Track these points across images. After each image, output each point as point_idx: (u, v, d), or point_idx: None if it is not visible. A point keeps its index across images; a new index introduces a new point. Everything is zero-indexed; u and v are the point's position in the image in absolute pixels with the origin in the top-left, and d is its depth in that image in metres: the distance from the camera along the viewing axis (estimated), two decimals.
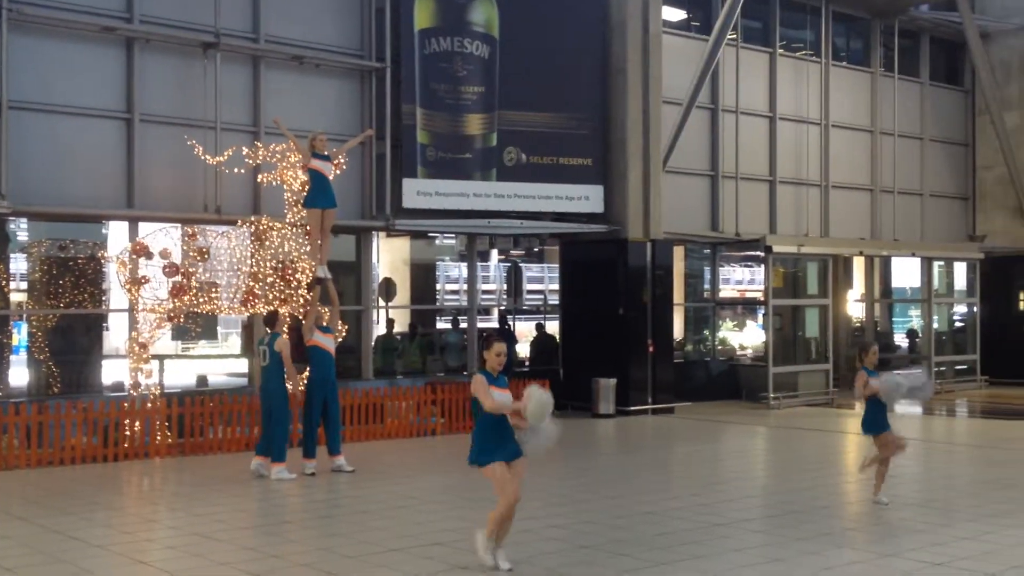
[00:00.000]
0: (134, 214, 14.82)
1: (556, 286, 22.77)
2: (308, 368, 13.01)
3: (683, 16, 21.46)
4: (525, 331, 24.62)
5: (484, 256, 27.49)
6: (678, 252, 20.99)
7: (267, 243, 14.10)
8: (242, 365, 17.81)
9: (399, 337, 20.40)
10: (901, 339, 26.07)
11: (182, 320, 14.11)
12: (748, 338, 27.03)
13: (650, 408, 18.53)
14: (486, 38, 17.54)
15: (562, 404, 17.45)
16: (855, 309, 25.15)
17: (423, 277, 23.91)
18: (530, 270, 30.65)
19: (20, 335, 16.57)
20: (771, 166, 22.14)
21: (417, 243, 22.49)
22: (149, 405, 13.62)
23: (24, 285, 16.71)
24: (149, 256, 13.62)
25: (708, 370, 21.63)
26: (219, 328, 22.25)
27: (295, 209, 14.12)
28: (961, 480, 12.56)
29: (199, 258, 13.80)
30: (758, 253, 22.28)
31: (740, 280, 35.30)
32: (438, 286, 27.18)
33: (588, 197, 18.60)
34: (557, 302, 21.16)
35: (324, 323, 13.18)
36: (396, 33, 16.87)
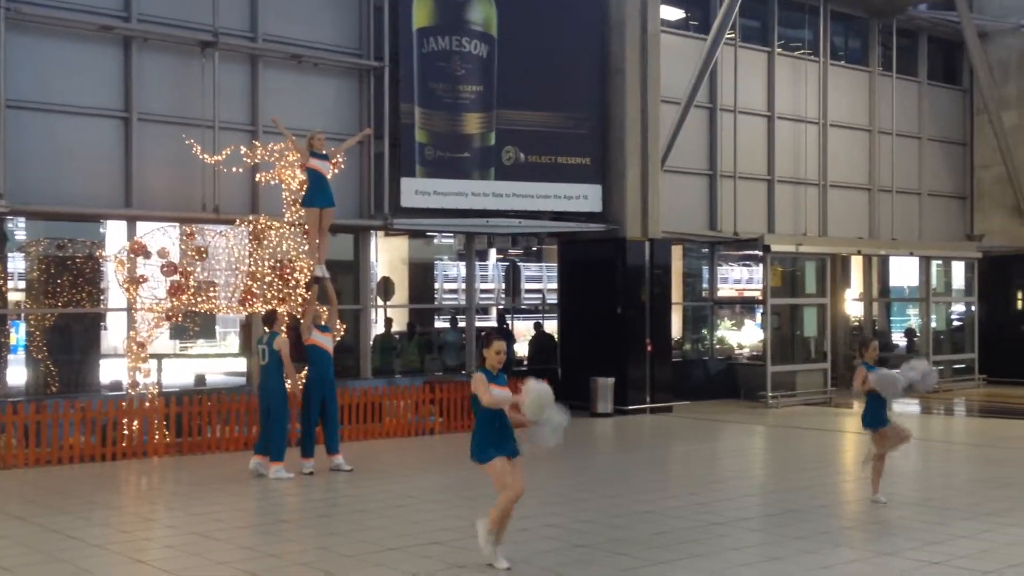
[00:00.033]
0: (132, 213, 14.82)
1: (554, 285, 22.78)
2: (306, 367, 13.02)
3: (681, 15, 21.46)
4: (523, 330, 24.62)
5: (482, 255, 27.50)
6: (676, 251, 20.99)
7: (265, 242, 14.09)
8: (240, 364, 17.80)
9: (397, 336, 20.39)
10: (899, 338, 26.08)
11: (180, 319, 14.11)
12: (745, 337, 27.04)
13: (648, 407, 18.54)
14: (484, 37, 17.54)
15: (560, 403, 17.49)
16: (853, 308, 25.15)
17: (421, 276, 23.90)
18: (528, 269, 30.66)
19: (18, 334, 16.56)
20: (769, 165, 22.14)
21: (415, 242, 22.48)
22: (147, 404, 13.62)
23: (22, 284, 16.70)
24: (147, 255, 13.62)
25: (706, 369, 21.63)
26: (217, 327, 22.24)
27: (293, 208, 14.11)
28: (959, 479, 12.57)
29: (197, 257, 13.80)
30: (756, 252, 22.28)
31: (738, 279, 35.31)
32: (436, 285, 27.18)
33: (586, 196, 18.60)
34: (555, 301, 21.17)
35: (322, 322, 13.18)
36: (394, 32, 16.87)
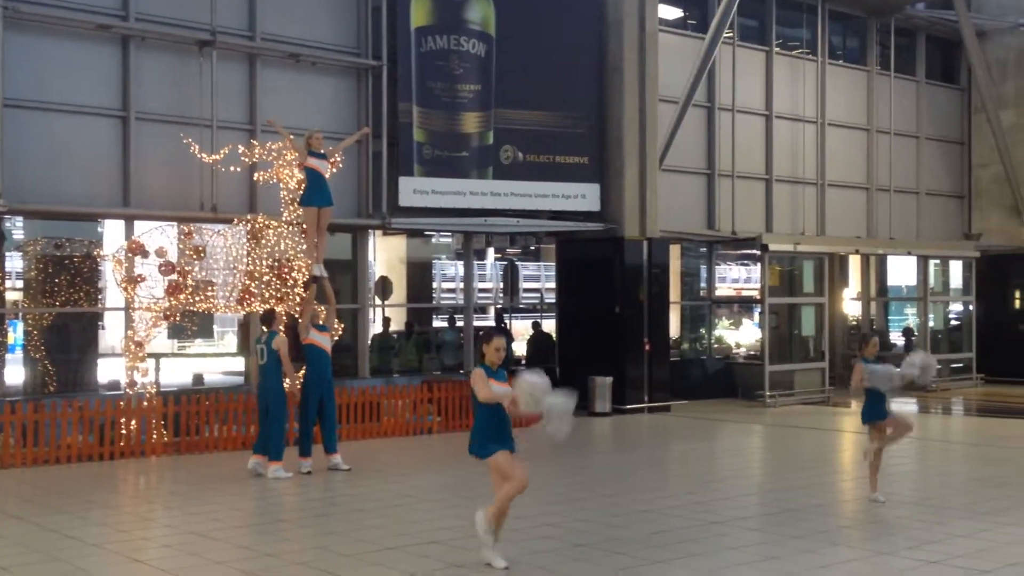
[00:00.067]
0: (130, 212, 14.82)
1: (552, 284, 22.78)
2: (304, 366, 13.01)
3: (679, 14, 21.47)
4: (521, 329, 24.64)
5: (480, 254, 27.53)
6: (674, 250, 21.00)
7: (263, 241, 14.08)
8: (238, 363, 17.79)
9: (395, 336, 20.38)
10: (897, 337, 26.11)
11: (178, 318, 14.10)
12: (743, 336, 27.07)
13: (646, 406, 18.55)
14: (482, 36, 17.53)
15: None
16: (851, 307, 25.17)
17: (419, 275, 23.89)
18: (526, 268, 30.67)
19: (16, 333, 16.55)
20: (767, 164, 22.15)
21: (413, 241, 22.47)
22: (145, 404, 13.61)
23: (20, 283, 16.69)
24: (145, 254, 13.61)
25: (704, 368, 21.65)
26: (215, 327, 22.25)
27: (291, 207, 14.10)
28: (957, 478, 12.58)
29: (195, 256, 13.79)
30: (754, 251, 22.29)
31: (736, 278, 35.36)
32: (434, 284, 27.19)
33: (584, 195, 18.60)
34: (553, 300, 21.16)
35: (320, 321, 13.18)
36: (392, 31, 16.86)
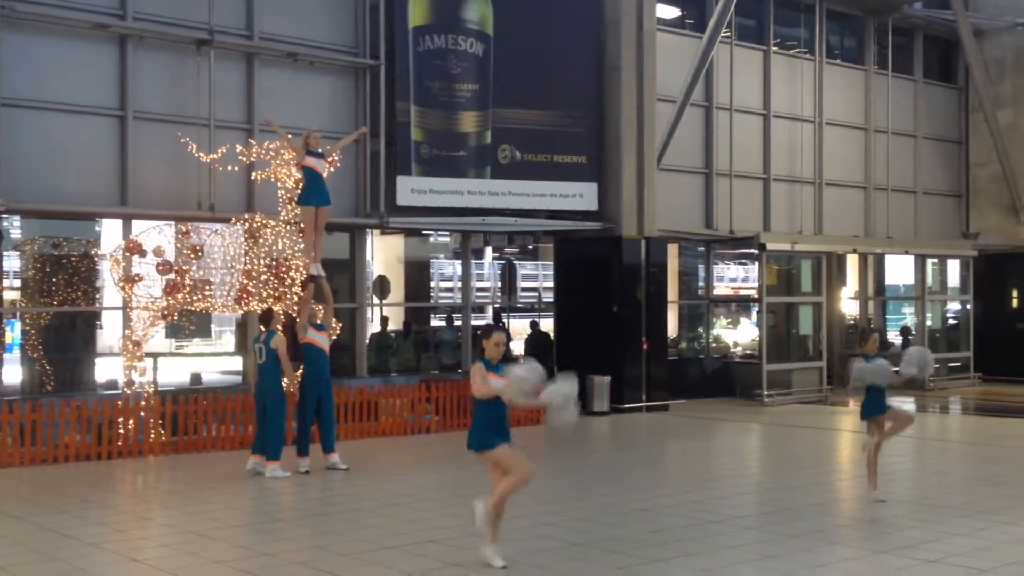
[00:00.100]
0: (127, 212, 14.81)
1: (550, 283, 22.79)
2: (302, 366, 13.00)
3: (677, 14, 21.46)
4: (519, 328, 24.65)
5: (478, 254, 27.57)
6: (672, 249, 21.00)
7: (261, 241, 14.07)
8: (236, 363, 17.79)
9: (393, 335, 20.39)
10: (895, 336, 26.13)
11: (176, 318, 14.09)
12: (740, 335, 27.09)
13: (644, 405, 18.54)
14: (480, 35, 17.52)
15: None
16: (849, 306, 25.19)
17: (417, 275, 23.92)
18: (524, 268, 30.69)
19: (13, 333, 16.54)
20: (765, 164, 22.15)
21: (411, 241, 22.50)
22: (143, 403, 13.59)
23: (17, 283, 16.68)
24: (143, 254, 13.59)
25: (702, 367, 21.65)
26: (213, 326, 22.28)
27: (289, 207, 14.09)
28: (955, 477, 12.59)
29: (193, 256, 13.78)
30: (752, 250, 22.31)
31: (734, 278, 35.42)
32: (432, 284, 27.23)
33: (582, 195, 18.60)
34: (551, 299, 21.16)
35: (318, 321, 13.17)
36: (390, 30, 16.85)
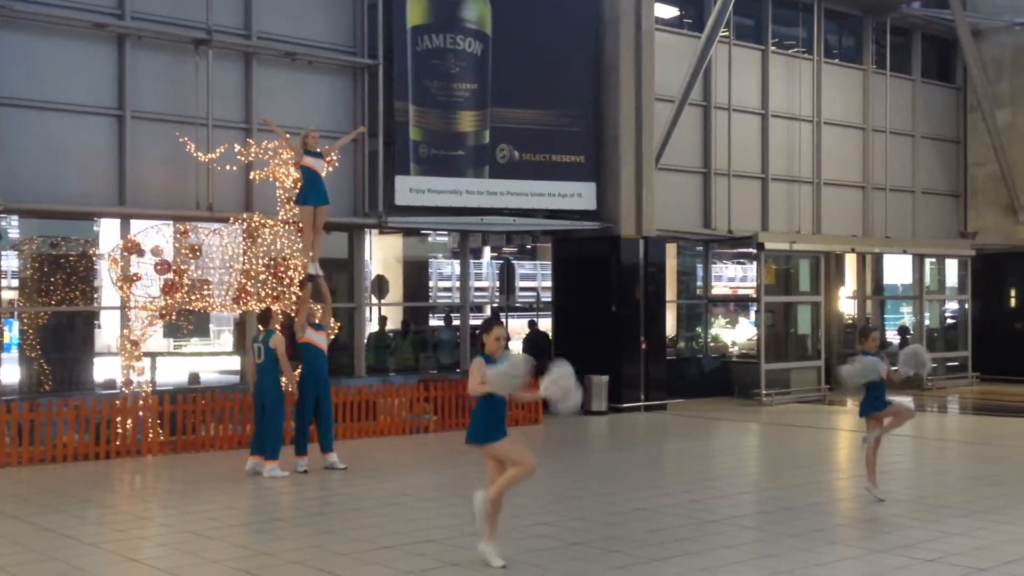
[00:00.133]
0: (126, 211, 14.80)
1: (549, 283, 22.77)
2: (300, 365, 12.99)
3: (675, 13, 21.46)
4: (518, 328, 24.64)
5: (477, 253, 27.54)
6: (671, 249, 21.00)
7: (259, 240, 14.07)
8: (234, 362, 17.78)
9: (392, 334, 20.38)
10: (892, 335, 26.13)
11: (174, 317, 14.09)
12: (738, 335, 27.09)
13: (643, 405, 18.55)
14: (479, 35, 17.52)
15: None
16: (847, 306, 25.19)
17: (416, 274, 23.90)
18: (523, 267, 30.66)
19: (11, 332, 16.53)
20: (763, 163, 22.16)
21: (410, 240, 22.48)
22: (141, 403, 13.59)
23: (15, 282, 16.67)
24: (141, 253, 13.59)
25: (700, 367, 21.66)
26: (211, 325, 22.26)
27: (287, 206, 14.09)
28: (952, 476, 12.60)
29: (191, 255, 13.78)
30: (750, 250, 22.31)
31: (732, 277, 35.39)
32: (431, 283, 27.19)
33: (581, 194, 18.60)
34: (550, 299, 21.16)
35: (316, 320, 13.17)
36: (388, 30, 16.84)
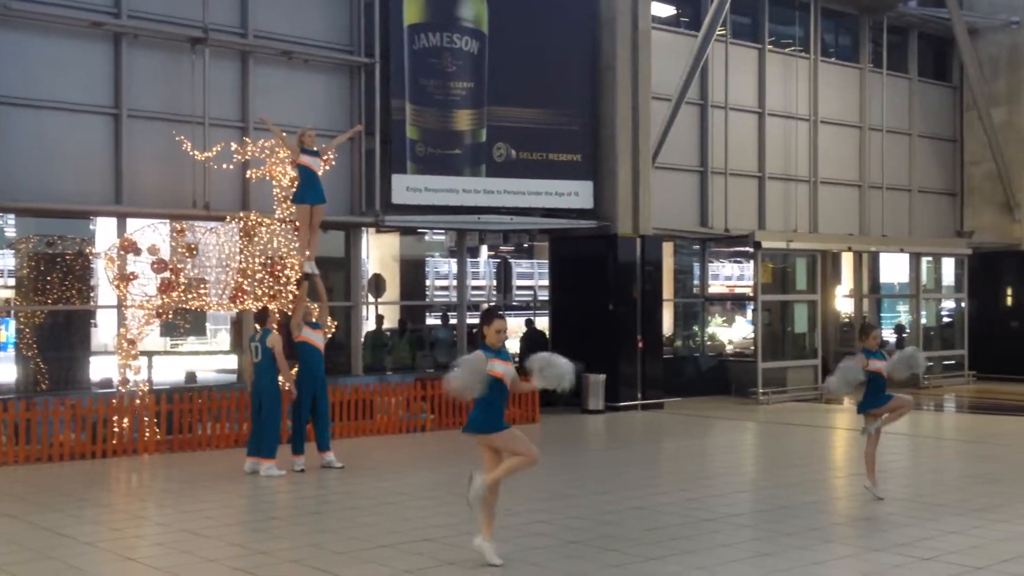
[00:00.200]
0: (122, 210, 14.78)
1: (546, 282, 22.77)
2: (297, 364, 12.99)
3: (672, 12, 21.46)
4: (515, 327, 24.65)
5: (474, 252, 27.50)
6: (667, 248, 21.02)
7: (256, 239, 14.06)
8: (231, 361, 17.78)
9: (389, 333, 20.38)
10: (889, 334, 26.16)
11: (171, 316, 14.08)
12: (734, 333, 27.12)
13: (639, 404, 18.55)
14: (475, 34, 17.51)
15: (551, 400, 17.50)
16: (844, 305, 25.22)
17: (413, 273, 23.89)
18: (520, 266, 30.68)
19: (8, 331, 16.53)
20: (760, 162, 22.16)
21: (407, 239, 22.47)
22: (138, 401, 13.58)
23: (12, 281, 16.66)
24: (137, 252, 13.58)
25: (697, 366, 21.66)
26: (208, 324, 22.25)
27: (284, 205, 14.08)
28: (949, 475, 12.61)
29: (188, 254, 13.77)
30: (747, 249, 22.32)
31: (729, 276, 35.42)
32: (428, 282, 27.18)
33: (578, 193, 18.59)
34: (547, 298, 21.16)
35: (313, 319, 13.17)
36: (385, 28, 16.83)
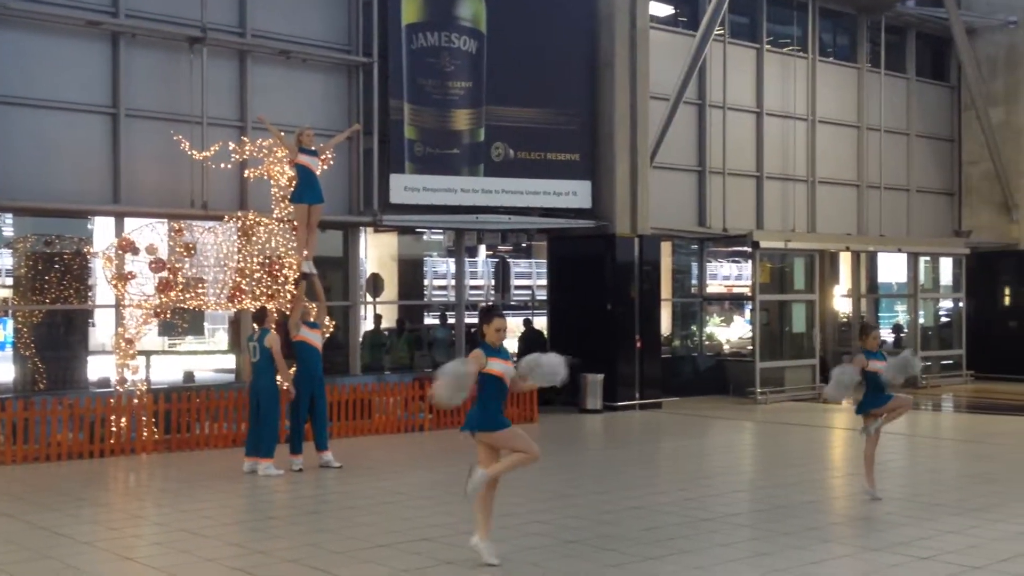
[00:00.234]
0: (120, 209, 14.77)
1: (544, 281, 22.78)
2: (295, 364, 12.99)
3: (670, 11, 21.46)
4: (513, 326, 24.62)
5: (472, 251, 27.47)
6: (665, 247, 21.02)
7: (254, 238, 14.07)
8: (229, 361, 17.77)
9: (387, 333, 20.37)
10: (887, 334, 26.17)
11: (168, 316, 14.07)
12: (732, 333, 27.13)
13: (637, 403, 18.55)
14: (473, 33, 17.51)
15: (549, 399, 17.52)
16: (841, 304, 25.23)
17: (411, 273, 23.88)
18: (518, 265, 30.66)
19: (5, 331, 16.52)
20: (758, 162, 22.16)
21: (405, 238, 22.46)
22: (135, 401, 13.58)
23: (9, 281, 16.65)
24: (135, 252, 13.58)
25: (695, 365, 21.67)
26: (206, 324, 22.22)
27: (282, 204, 14.09)
28: (947, 474, 12.62)
29: (185, 253, 13.77)
30: (745, 248, 22.33)
31: (727, 275, 35.40)
32: (426, 282, 27.16)
33: (576, 192, 18.59)
34: (545, 297, 21.16)
35: (311, 319, 13.16)
36: (383, 28, 16.82)
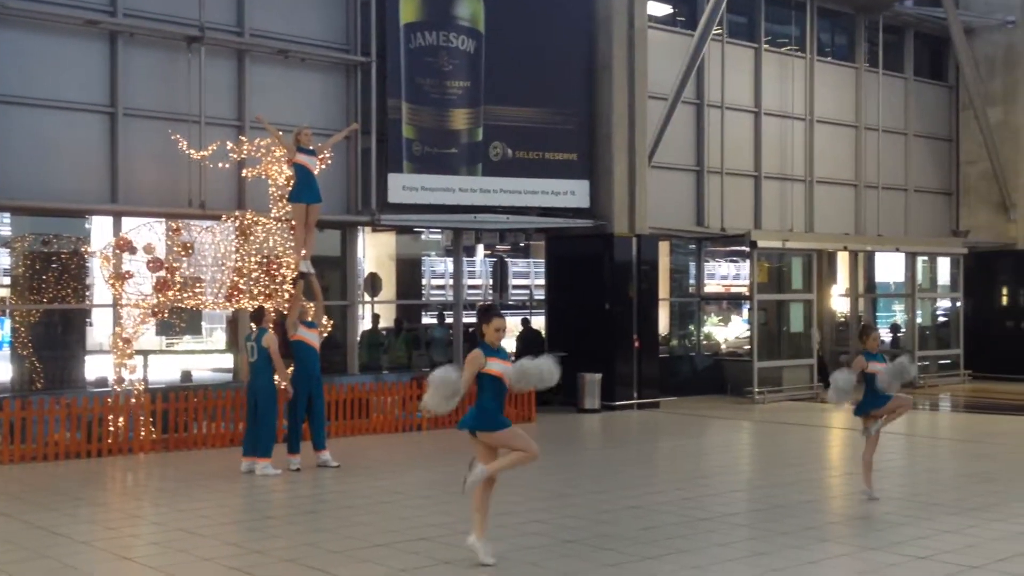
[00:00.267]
0: (118, 209, 14.76)
1: (542, 281, 22.78)
2: (293, 363, 12.98)
3: (669, 11, 21.46)
4: (511, 326, 24.62)
5: (470, 251, 27.48)
6: (663, 247, 21.02)
7: (252, 238, 14.06)
8: (227, 360, 17.76)
9: (385, 332, 20.37)
10: (885, 333, 26.19)
11: (166, 315, 14.06)
12: (730, 333, 27.14)
13: (635, 403, 18.56)
14: (472, 32, 17.51)
15: (547, 399, 17.52)
16: (839, 304, 25.24)
17: (409, 272, 23.88)
18: (516, 265, 30.65)
19: (3, 330, 16.50)
20: (756, 161, 22.17)
21: (403, 238, 22.46)
22: (133, 400, 13.57)
23: (7, 280, 16.64)
24: (133, 251, 13.57)
25: (693, 365, 21.67)
26: (203, 323, 22.20)
27: (280, 204, 14.08)
28: (944, 474, 12.63)
29: (183, 253, 13.76)
30: (743, 248, 22.32)
31: (725, 275, 35.40)
32: (424, 281, 27.16)
33: (574, 192, 18.59)
34: (543, 297, 21.16)
35: (308, 318, 13.16)
36: (381, 27, 16.82)
